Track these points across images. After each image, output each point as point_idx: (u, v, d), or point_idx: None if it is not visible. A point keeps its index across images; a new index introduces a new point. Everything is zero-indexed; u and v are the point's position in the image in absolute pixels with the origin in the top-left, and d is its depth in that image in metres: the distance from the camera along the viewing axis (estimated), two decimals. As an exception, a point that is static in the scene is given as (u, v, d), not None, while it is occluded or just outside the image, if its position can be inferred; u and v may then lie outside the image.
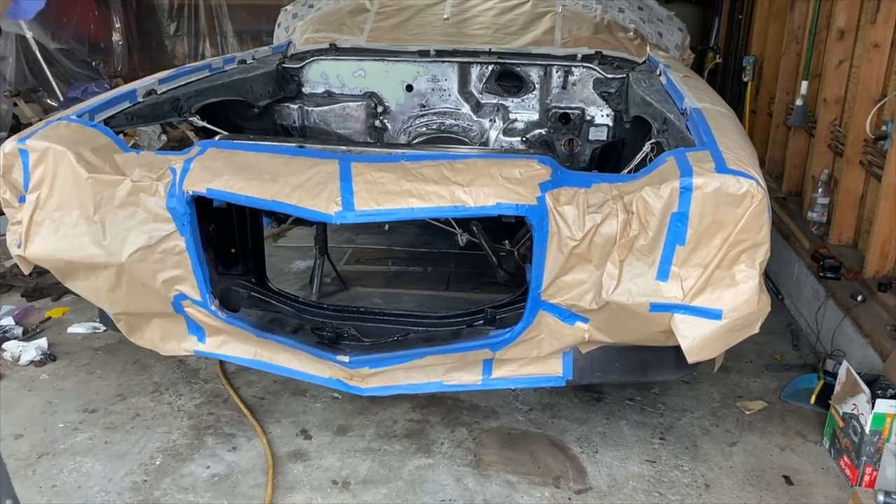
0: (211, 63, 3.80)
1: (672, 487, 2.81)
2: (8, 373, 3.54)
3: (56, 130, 2.67)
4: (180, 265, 2.60)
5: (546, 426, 3.16)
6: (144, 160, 2.62)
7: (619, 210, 2.26)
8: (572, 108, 4.00)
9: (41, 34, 7.27)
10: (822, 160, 4.47)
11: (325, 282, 4.36)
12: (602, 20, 4.26)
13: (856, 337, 3.42)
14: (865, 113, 3.82)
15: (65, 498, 2.72)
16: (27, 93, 7.05)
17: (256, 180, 2.42)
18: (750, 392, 3.45)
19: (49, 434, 3.08)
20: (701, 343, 2.28)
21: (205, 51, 8.88)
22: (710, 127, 2.56)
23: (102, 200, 2.55)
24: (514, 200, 2.30)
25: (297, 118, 4.13)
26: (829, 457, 2.99)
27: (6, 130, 6.44)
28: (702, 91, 3.17)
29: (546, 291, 2.40)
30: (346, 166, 2.39)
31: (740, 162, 2.26)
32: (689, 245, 2.23)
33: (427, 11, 4.42)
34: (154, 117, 3.28)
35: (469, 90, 4.14)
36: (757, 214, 2.19)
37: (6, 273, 4.59)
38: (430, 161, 2.43)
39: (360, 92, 4.17)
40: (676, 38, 4.66)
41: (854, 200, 4.01)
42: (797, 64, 5.04)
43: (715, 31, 7.67)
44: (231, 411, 3.23)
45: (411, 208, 2.30)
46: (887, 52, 3.76)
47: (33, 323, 4.02)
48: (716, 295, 2.26)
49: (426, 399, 3.27)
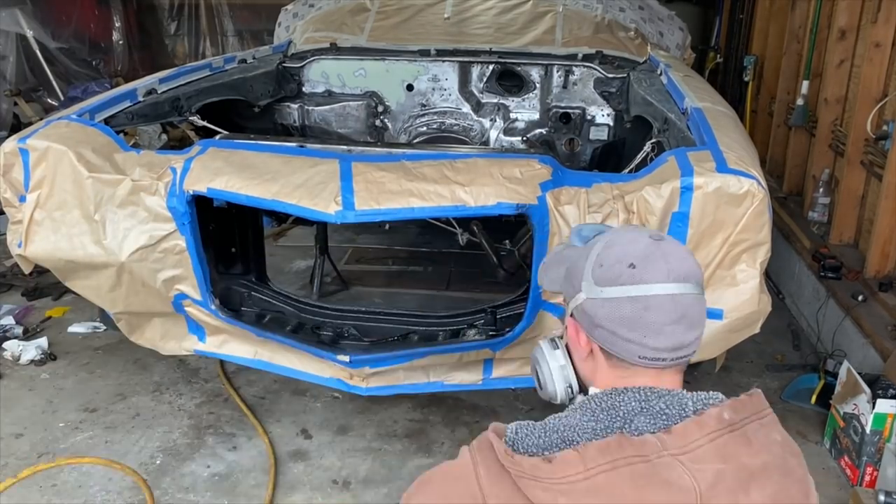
0: (211, 62, 3.79)
1: (672, 487, 2.80)
2: (8, 372, 3.54)
3: (56, 130, 2.66)
4: (181, 264, 2.60)
5: (546, 426, 3.16)
6: (145, 159, 2.62)
7: (619, 209, 2.26)
8: (573, 108, 3.99)
9: (41, 33, 7.26)
10: (823, 160, 4.46)
11: (326, 281, 4.35)
12: (603, 20, 4.25)
13: (856, 337, 3.42)
14: (866, 113, 3.81)
15: (65, 497, 2.72)
16: (27, 92, 7.04)
17: (257, 180, 2.41)
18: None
19: (49, 433, 3.08)
20: (701, 343, 2.28)
21: (205, 50, 8.88)
22: (710, 126, 2.56)
23: (103, 200, 2.54)
24: (514, 200, 2.29)
25: (297, 118, 4.13)
26: (829, 457, 2.99)
27: (6, 130, 6.43)
28: (702, 91, 3.17)
29: (546, 291, 2.40)
30: (346, 166, 2.39)
31: (741, 162, 2.26)
32: (689, 244, 2.22)
33: (427, 11, 4.41)
34: (154, 116, 3.27)
35: (470, 90, 4.14)
36: (758, 214, 2.19)
37: (6, 272, 4.59)
38: (431, 160, 2.43)
39: (360, 91, 4.17)
40: (677, 38, 4.66)
41: (855, 200, 4.00)
42: (798, 63, 5.04)
43: (716, 30, 7.66)
44: (231, 411, 3.23)
45: (412, 208, 2.30)
46: (888, 51, 3.76)
47: (33, 322, 4.02)
48: (716, 294, 2.25)
49: (427, 399, 3.27)
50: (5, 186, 2.67)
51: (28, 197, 2.62)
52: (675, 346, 1.09)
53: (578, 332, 1.15)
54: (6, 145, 2.64)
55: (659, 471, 0.97)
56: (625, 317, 1.07)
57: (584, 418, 1.06)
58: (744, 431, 1.03)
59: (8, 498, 2.72)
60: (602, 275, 1.10)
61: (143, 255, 2.58)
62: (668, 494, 0.95)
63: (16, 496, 2.73)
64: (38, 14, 7.20)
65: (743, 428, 1.03)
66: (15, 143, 2.62)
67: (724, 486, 0.98)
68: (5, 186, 2.67)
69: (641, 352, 1.08)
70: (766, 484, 1.00)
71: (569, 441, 1.03)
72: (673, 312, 1.07)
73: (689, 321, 1.09)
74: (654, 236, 1.12)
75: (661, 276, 1.07)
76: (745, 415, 1.05)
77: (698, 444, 1.00)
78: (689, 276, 1.10)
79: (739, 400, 1.07)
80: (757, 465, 1.00)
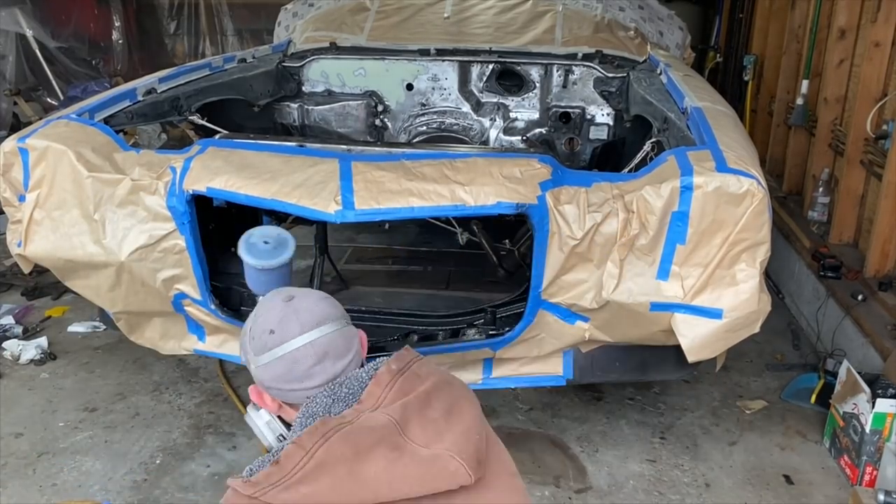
0: (211, 62, 3.79)
1: (672, 487, 2.81)
2: (8, 372, 3.54)
3: (56, 129, 2.66)
4: (180, 264, 2.59)
5: (546, 425, 3.16)
6: (144, 159, 2.62)
7: (619, 209, 2.26)
8: (573, 107, 3.99)
9: (41, 33, 7.25)
10: (823, 159, 4.46)
11: (325, 281, 4.34)
12: (602, 19, 4.25)
13: (856, 336, 3.42)
14: (866, 112, 3.81)
15: (65, 497, 2.71)
16: (27, 91, 7.04)
17: (256, 179, 2.41)
18: (750, 391, 3.45)
19: (49, 433, 3.08)
20: (701, 342, 2.28)
21: (205, 49, 8.87)
22: (710, 126, 2.56)
23: (102, 199, 2.54)
24: (514, 199, 2.29)
25: (297, 117, 4.13)
26: (829, 456, 2.99)
27: (6, 129, 6.43)
28: (702, 90, 3.17)
29: (546, 290, 2.40)
30: (346, 165, 2.39)
31: (741, 161, 2.26)
32: (689, 244, 2.23)
33: (427, 10, 4.41)
34: (154, 116, 3.27)
35: (469, 89, 4.13)
36: (757, 213, 2.19)
37: (6, 272, 4.59)
38: (431, 160, 2.43)
39: (360, 91, 4.17)
40: (677, 37, 4.66)
41: (855, 200, 4.00)
42: (798, 63, 5.03)
43: (715, 30, 7.66)
44: (231, 410, 3.23)
45: (411, 207, 2.30)
46: (888, 51, 3.75)
47: (33, 322, 4.02)
48: (716, 294, 2.25)
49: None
50: (5, 186, 2.67)
51: (27, 196, 2.62)
52: (330, 378, 1.28)
53: (262, 395, 1.35)
54: (6, 145, 2.64)
55: (362, 423, 1.16)
56: (280, 375, 1.27)
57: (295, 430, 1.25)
58: (411, 371, 1.27)
59: (8, 498, 2.72)
60: (255, 346, 1.30)
61: (142, 254, 2.57)
62: (373, 434, 1.13)
63: (16, 496, 2.73)
64: (37, 13, 7.20)
65: (409, 369, 1.27)
66: (14, 142, 2.61)
67: (412, 409, 1.19)
68: (5, 186, 2.67)
69: (307, 393, 1.27)
70: (441, 395, 1.24)
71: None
72: (314, 356, 1.26)
73: (335, 354, 1.28)
74: (285, 299, 1.32)
75: (295, 331, 1.27)
76: (407, 360, 1.29)
77: (383, 395, 1.22)
78: (322, 319, 1.30)
79: (398, 354, 1.31)
80: (429, 386, 1.24)
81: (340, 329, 1.31)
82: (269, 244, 2.36)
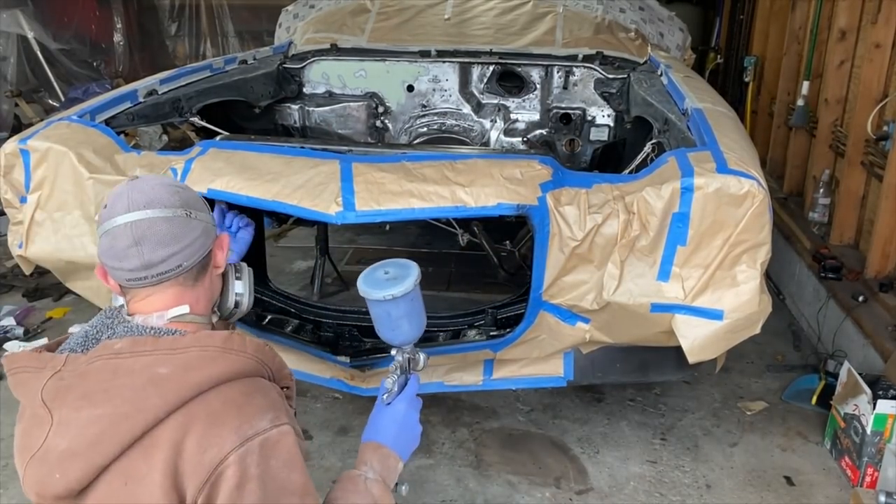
0: (212, 63, 3.79)
1: (673, 488, 2.81)
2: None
3: (57, 131, 2.66)
4: (181, 265, 2.59)
5: (547, 426, 3.16)
6: (145, 160, 2.62)
7: (620, 210, 2.26)
8: (573, 109, 3.99)
9: (42, 34, 7.27)
10: (824, 160, 4.47)
11: (326, 282, 4.36)
12: (603, 20, 4.25)
13: (857, 337, 3.42)
14: (867, 113, 3.81)
15: (66, 498, 2.71)
16: (28, 93, 7.05)
17: (257, 180, 2.41)
18: (751, 392, 3.45)
19: (50, 434, 3.07)
20: (702, 343, 2.28)
21: (206, 51, 8.89)
22: (711, 127, 2.56)
23: (103, 200, 2.54)
24: (515, 200, 2.29)
25: (297, 118, 4.13)
26: (830, 457, 2.99)
27: (7, 131, 6.45)
28: (703, 91, 3.17)
29: (547, 292, 2.40)
30: (347, 167, 2.39)
31: (741, 162, 2.26)
32: (690, 245, 2.22)
33: (428, 12, 4.41)
34: (155, 117, 3.27)
35: (470, 90, 4.14)
36: (758, 215, 2.19)
37: (7, 273, 4.60)
38: (431, 161, 2.43)
39: (360, 92, 4.17)
40: (677, 39, 4.66)
41: (855, 201, 4.00)
42: (798, 64, 5.04)
43: (716, 31, 7.67)
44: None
45: (412, 209, 2.29)
46: (888, 52, 3.76)
47: (34, 323, 4.02)
48: (717, 295, 2.25)
49: (427, 399, 3.23)
50: (6, 187, 2.67)
51: (29, 198, 2.62)
52: (145, 265, 1.26)
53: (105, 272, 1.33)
54: (7, 146, 2.64)
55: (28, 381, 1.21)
56: (104, 251, 1.28)
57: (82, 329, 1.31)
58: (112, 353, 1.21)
59: (8, 500, 2.72)
60: (98, 218, 1.32)
61: (143, 255, 2.57)
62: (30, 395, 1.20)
63: (16, 497, 2.73)
64: (38, 15, 7.22)
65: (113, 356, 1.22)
66: (16, 144, 2.61)
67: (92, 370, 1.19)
68: (6, 187, 2.67)
69: (122, 275, 1.28)
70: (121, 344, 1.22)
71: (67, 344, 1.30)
72: (129, 238, 1.25)
73: (154, 241, 1.26)
74: (132, 178, 1.34)
75: (122, 209, 1.27)
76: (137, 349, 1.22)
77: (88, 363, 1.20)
78: (152, 202, 1.27)
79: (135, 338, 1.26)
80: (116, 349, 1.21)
81: (169, 217, 1.28)
82: (389, 274, 1.72)
